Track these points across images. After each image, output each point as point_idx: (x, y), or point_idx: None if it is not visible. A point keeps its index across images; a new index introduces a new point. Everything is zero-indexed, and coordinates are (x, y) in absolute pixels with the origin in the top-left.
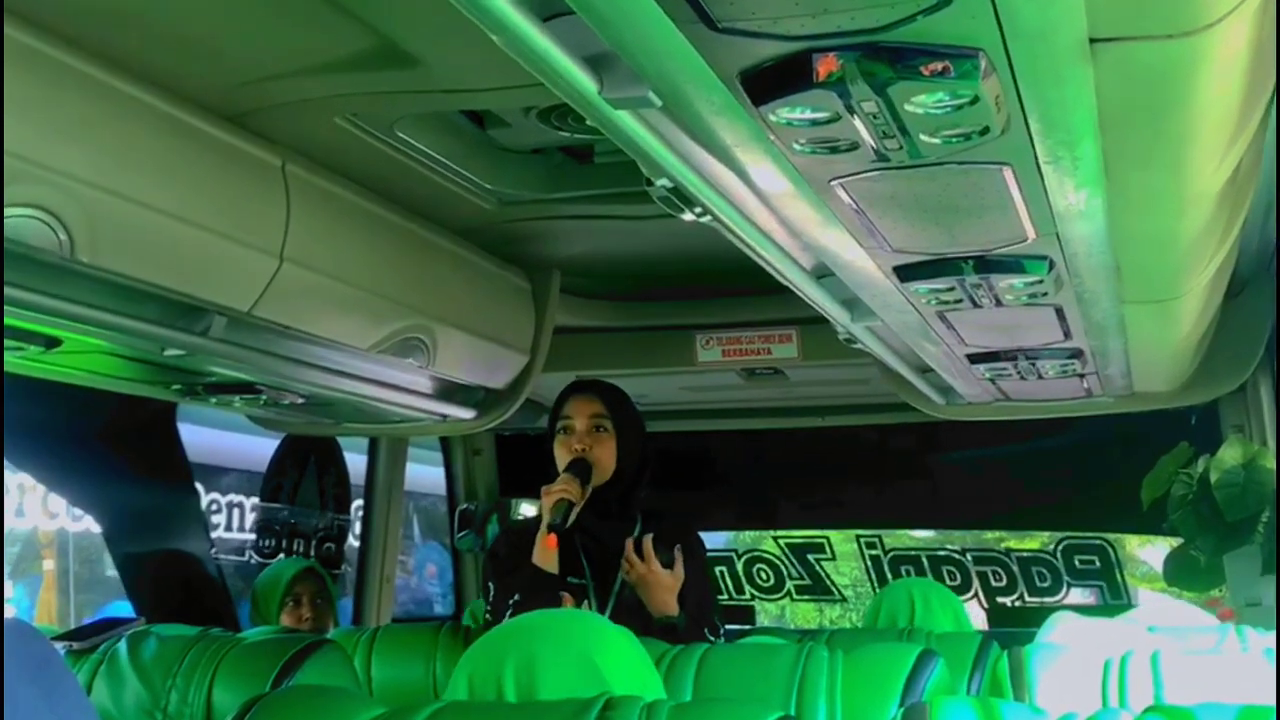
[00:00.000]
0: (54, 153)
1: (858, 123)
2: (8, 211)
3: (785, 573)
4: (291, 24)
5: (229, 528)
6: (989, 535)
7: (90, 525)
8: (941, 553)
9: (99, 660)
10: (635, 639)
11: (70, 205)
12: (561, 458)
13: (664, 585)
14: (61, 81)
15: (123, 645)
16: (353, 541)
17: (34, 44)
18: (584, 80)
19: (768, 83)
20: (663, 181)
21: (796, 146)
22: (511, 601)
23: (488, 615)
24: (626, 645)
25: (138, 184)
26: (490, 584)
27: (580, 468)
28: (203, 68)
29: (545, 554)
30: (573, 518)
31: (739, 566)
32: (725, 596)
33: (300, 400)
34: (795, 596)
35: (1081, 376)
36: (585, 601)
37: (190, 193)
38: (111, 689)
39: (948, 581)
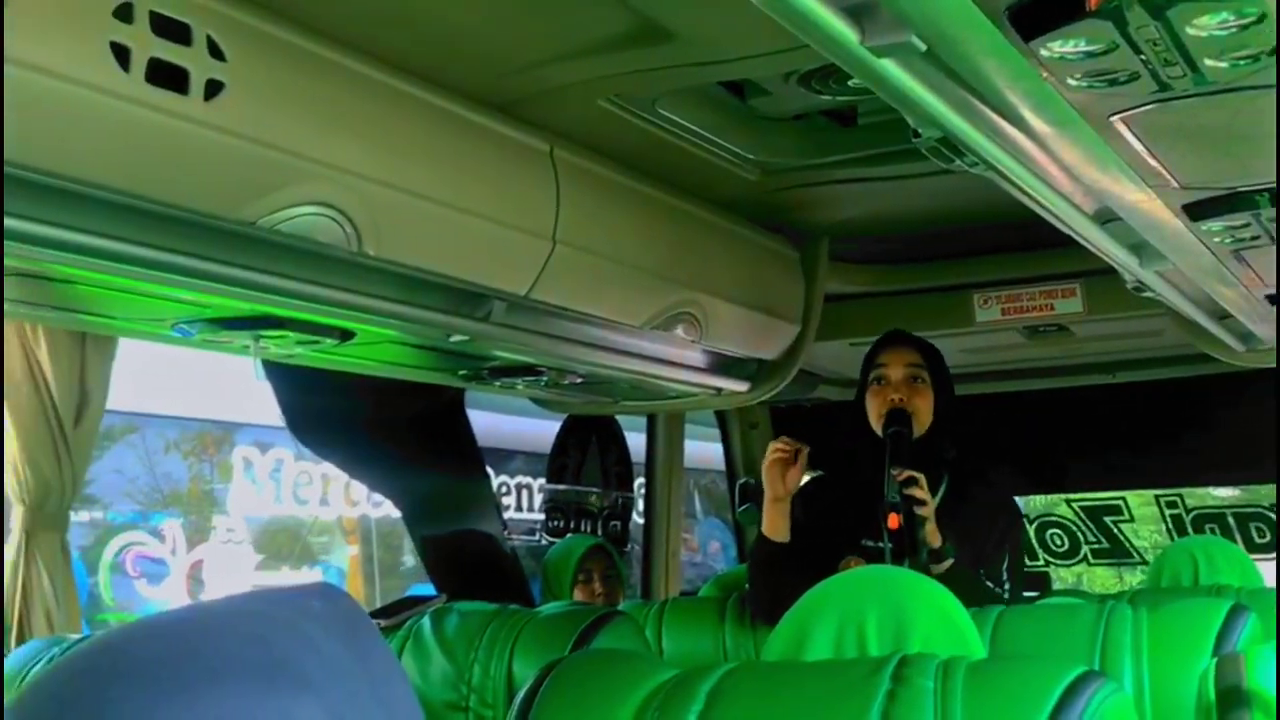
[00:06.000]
0: (336, 150)
1: (1136, 52)
2: (298, 210)
3: (1081, 537)
4: (551, 11)
5: (519, 508)
6: None
7: (389, 511)
8: (1249, 509)
9: (405, 636)
10: (954, 598)
11: (354, 200)
12: (875, 409)
13: (931, 515)
14: (338, 80)
15: (426, 621)
16: (637, 519)
17: (311, 46)
18: (845, 30)
19: (1038, 16)
20: (931, 132)
21: (1072, 82)
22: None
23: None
24: (946, 604)
25: (415, 176)
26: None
27: (900, 419)
28: (470, 60)
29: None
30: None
31: (1031, 531)
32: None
33: (579, 380)
34: (1092, 561)
35: None
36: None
37: (465, 182)
38: (418, 663)
39: (1256, 539)
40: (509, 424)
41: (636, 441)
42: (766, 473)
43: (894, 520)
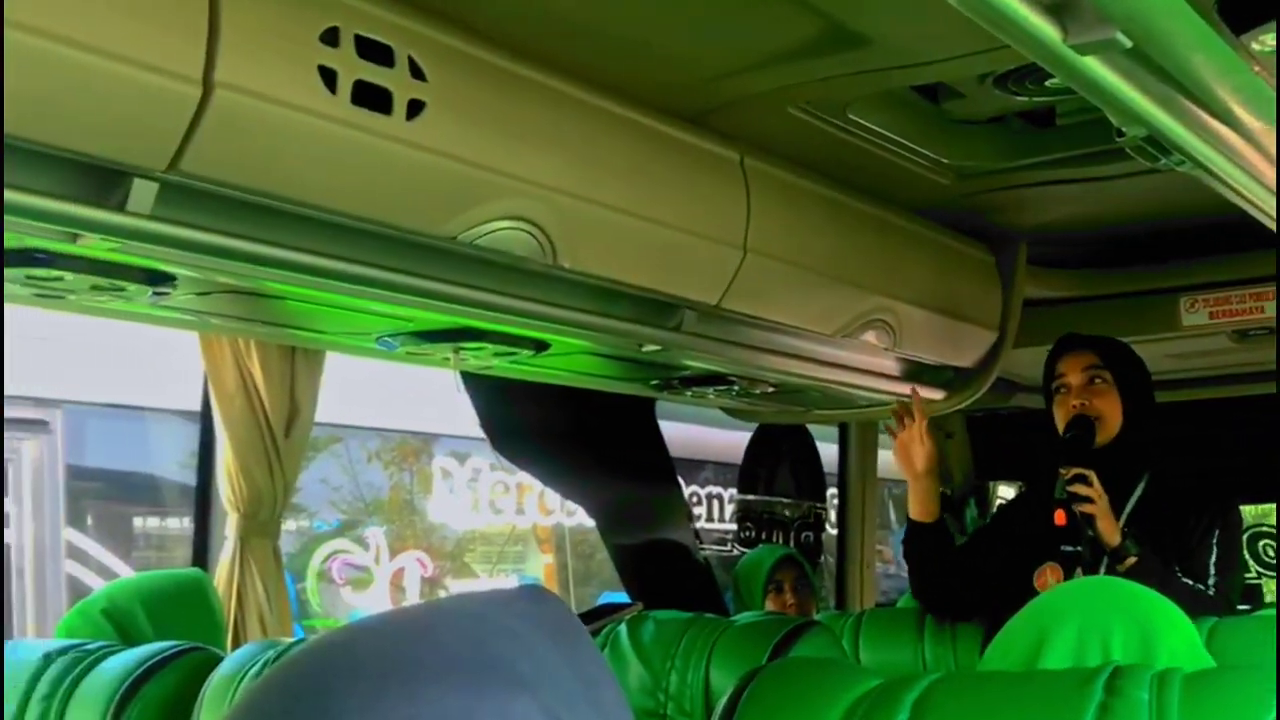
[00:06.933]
0: (531, 165)
1: None
2: (495, 225)
3: None
4: (741, 19)
5: (709, 519)
6: None
7: (582, 520)
8: None
9: (602, 643)
10: (1178, 608)
11: (549, 214)
12: (1059, 418)
13: (1103, 513)
14: (533, 97)
15: (623, 629)
16: (830, 530)
17: (506, 64)
18: (1047, 29)
19: (1248, 8)
20: (1135, 131)
21: None
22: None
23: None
24: (1173, 613)
25: (608, 188)
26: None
27: (1081, 425)
28: (661, 72)
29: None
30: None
31: (1241, 542)
32: None
33: (770, 389)
34: None
35: None
36: (1078, 569)
37: (656, 193)
38: (615, 670)
39: None
40: (699, 434)
41: (829, 452)
42: (897, 456)
43: (1060, 517)
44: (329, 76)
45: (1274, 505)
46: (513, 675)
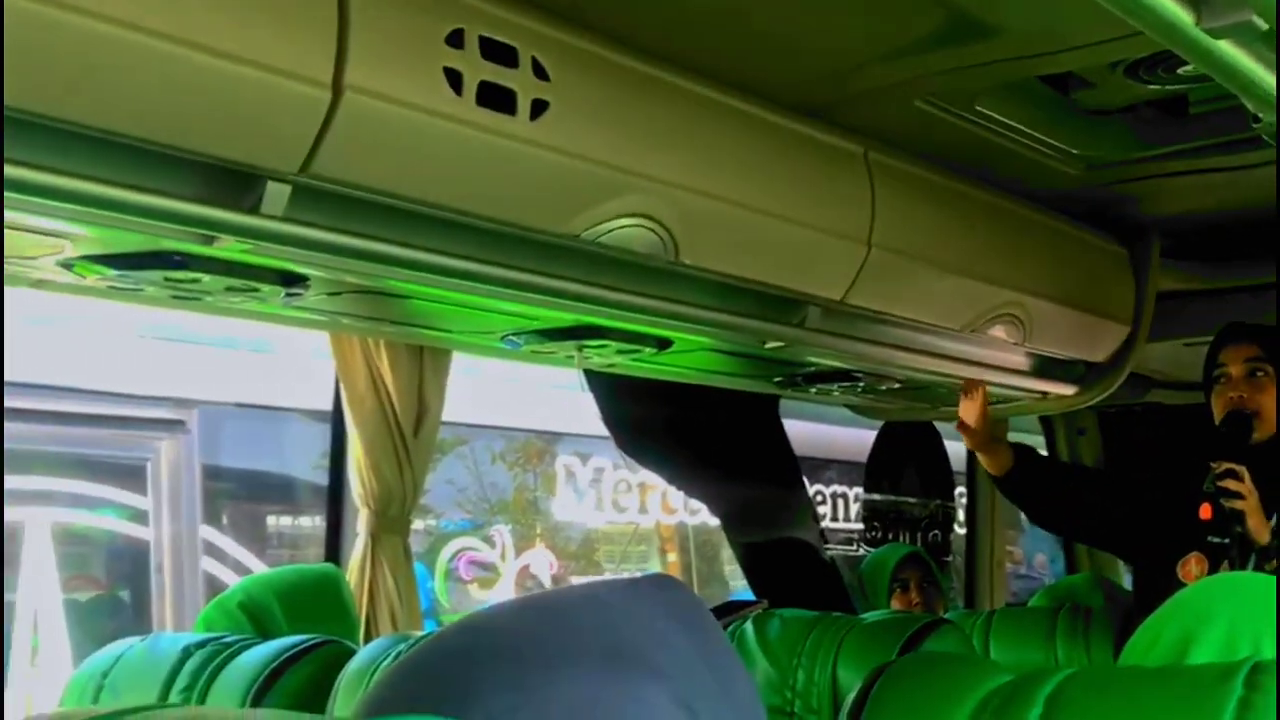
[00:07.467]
0: (653, 162)
1: None
2: (618, 223)
3: None
4: (868, 12)
5: (834, 518)
6: None
7: (705, 519)
8: None
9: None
10: None
11: (671, 211)
12: (1217, 408)
13: (1254, 509)
14: (654, 94)
15: (749, 626)
16: (959, 530)
17: (628, 62)
18: (1180, 13)
19: None
20: (1270, 117)
21: None
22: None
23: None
24: None
25: (730, 185)
26: None
27: (1237, 420)
28: (785, 66)
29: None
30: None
31: None
32: None
33: (896, 385)
34: None
35: None
36: (1224, 563)
37: (779, 188)
38: None
39: None
40: (823, 432)
41: (957, 450)
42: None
43: (1206, 510)
44: (454, 78)
45: None
46: (646, 662)
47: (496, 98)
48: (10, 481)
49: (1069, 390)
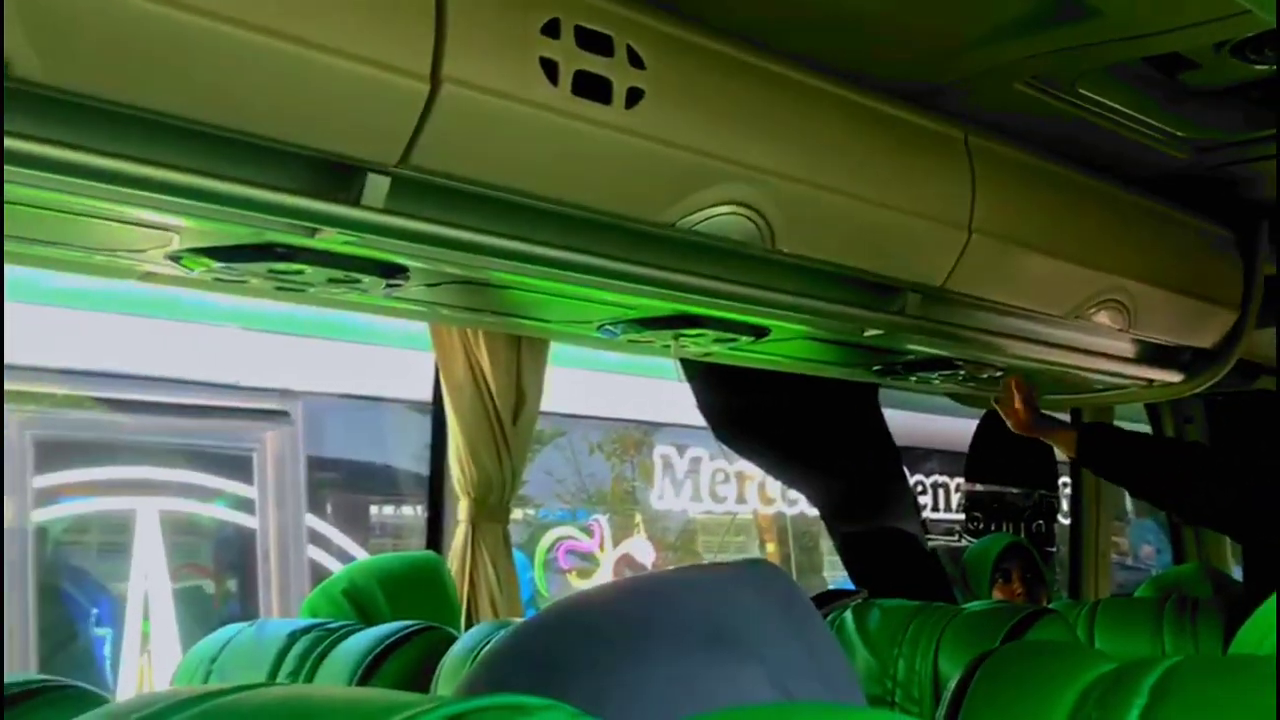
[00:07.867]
0: (750, 150)
1: None
2: (714, 211)
3: None
4: None
5: (935, 509)
6: None
7: (804, 509)
8: None
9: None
10: None
11: (768, 198)
12: None
13: None
14: (750, 80)
15: (849, 615)
16: (1063, 520)
17: (723, 48)
18: None
19: None
20: None
21: None
22: None
23: None
24: None
25: (827, 171)
26: None
27: None
28: (881, 51)
29: None
30: None
31: None
32: None
33: (998, 374)
34: None
35: None
36: None
37: (876, 174)
38: None
39: None
40: (923, 421)
41: None
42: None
43: None
44: (550, 68)
45: None
46: (743, 645)
47: (592, 87)
48: (121, 472)
49: (1175, 377)
